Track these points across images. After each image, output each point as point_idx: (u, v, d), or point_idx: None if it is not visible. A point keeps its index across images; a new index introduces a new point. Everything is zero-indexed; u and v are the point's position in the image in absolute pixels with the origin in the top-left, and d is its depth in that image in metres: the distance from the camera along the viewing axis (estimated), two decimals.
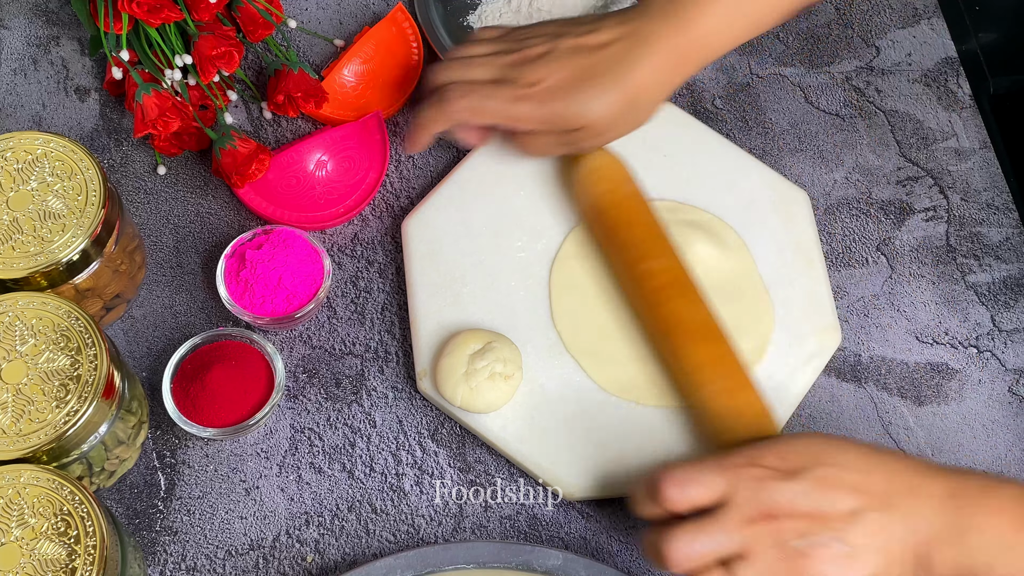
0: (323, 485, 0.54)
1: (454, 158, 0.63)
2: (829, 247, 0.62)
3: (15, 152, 0.52)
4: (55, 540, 0.43)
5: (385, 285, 0.59)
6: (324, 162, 0.60)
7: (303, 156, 0.60)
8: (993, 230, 0.63)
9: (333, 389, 0.56)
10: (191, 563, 0.52)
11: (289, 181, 0.59)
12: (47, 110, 0.63)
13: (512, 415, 0.54)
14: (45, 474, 0.45)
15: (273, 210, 0.59)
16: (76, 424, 0.46)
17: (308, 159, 0.60)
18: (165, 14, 0.57)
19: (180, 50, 0.59)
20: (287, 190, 0.59)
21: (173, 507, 0.53)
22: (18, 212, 0.51)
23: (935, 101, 0.67)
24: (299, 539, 0.53)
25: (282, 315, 0.55)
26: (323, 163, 0.60)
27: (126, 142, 0.63)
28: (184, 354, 0.54)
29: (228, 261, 0.56)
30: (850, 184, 0.64)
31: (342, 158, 0.60)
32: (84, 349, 0.48)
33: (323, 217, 0.59)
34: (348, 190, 0.60)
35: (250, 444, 0.55)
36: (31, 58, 0.65)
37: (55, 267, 0.50)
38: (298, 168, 0.60)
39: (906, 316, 0.60)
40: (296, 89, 0.60)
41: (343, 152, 0.60)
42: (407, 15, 0.64)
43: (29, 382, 0.47)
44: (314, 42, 0.67)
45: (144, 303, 0.58)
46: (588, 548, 0.53)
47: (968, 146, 0.65)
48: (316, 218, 0.59)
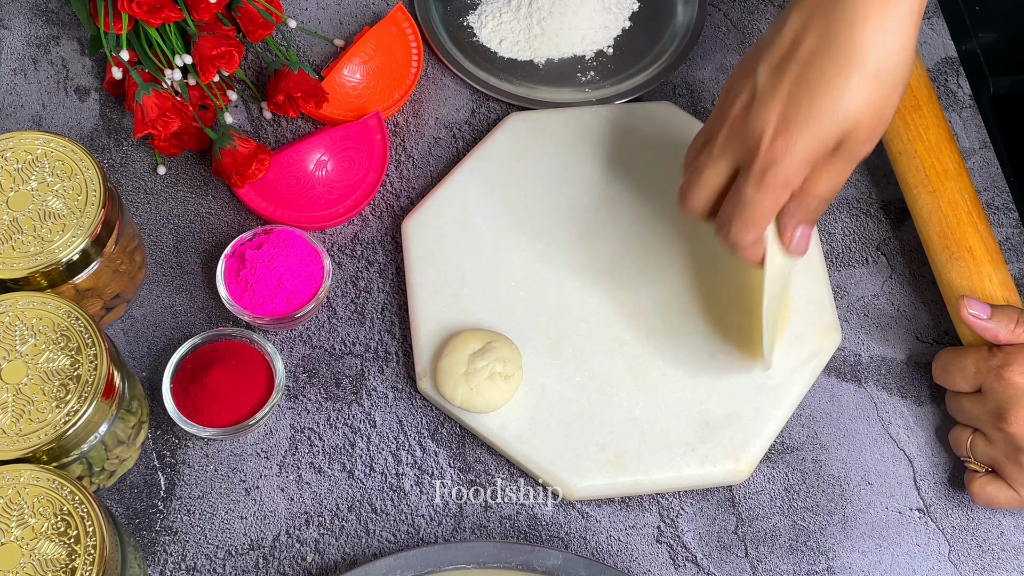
0: (323, 485, 0.54)
1: (454, 158, 0.63)
2: (829, 247, 0.62)
3: (15, 152, 0.52)
4: (55, 540, 0.43)
5: (385, 285, 0.59)
6: (324, 162, 0.60)
7: (303, 156, 0.60)
8: (993, 230, 0.63)
9: (333, 389, 0.56)
10: (191, 563, 0.52)
11: (289, 181, 0.59)
12: (47, 110, 0.63)
13: (512, 415, 0.54)
14: (45, 474, 0.45)
15: (273, 210, 0.59)
16: (76, 424, 0.46)
17: (308, 159, 0.60)
18: (165, 14, 0.57)
19: (180, 50, 0.59)
20: (287, 190, 0.59)
21: (173, 507, 0.53)
22: (18, 212, 0.51)
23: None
24: (299, 539, 0.53)
25: (282, 315, 0.55)
26: (323, 163, 0.60)
27: (126, 142, 0.63)
28: (184, 354, 0.54)
29: (228, 261, 0.56)
30: (850, 184, 0.64)
31: (342, 158, 0.60)
32: (84, 349, 0.48)
33: (323, 217, 0.59)
34: (348, 190, 0.60)
35: (250, 444, 0.55)
36: (31, 58, 0.65)
37: (55, 267, 0.50)
38: (298, 168, 0.60)
39: (906, 316, 0.60)
40: (296, 89, 0.60)
41: (343, 152, 0.60)
42: (407, 15, 0.64)
43: (29, 382, 0.47)
44: (314, 42, 0.67)
45: (144, 303, 0.58)
46: (588, 548, 0.53)
47: (968, 146, 0.65)
48: (316, 218, 0.59)
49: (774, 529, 0.54)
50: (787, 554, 0.54)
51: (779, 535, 0.54)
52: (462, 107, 0.65)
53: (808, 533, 0.54)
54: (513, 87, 0.65)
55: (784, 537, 0.54)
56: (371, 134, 0.61)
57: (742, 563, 0.53)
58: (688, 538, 0.54)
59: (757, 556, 0.53)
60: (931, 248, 0.57)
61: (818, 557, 0.54)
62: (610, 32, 0.67)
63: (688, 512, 0.54)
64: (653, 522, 0.54)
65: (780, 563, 0.53)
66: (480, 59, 0.66)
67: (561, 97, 0.65)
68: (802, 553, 0.54)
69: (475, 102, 0.65)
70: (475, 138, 0.64)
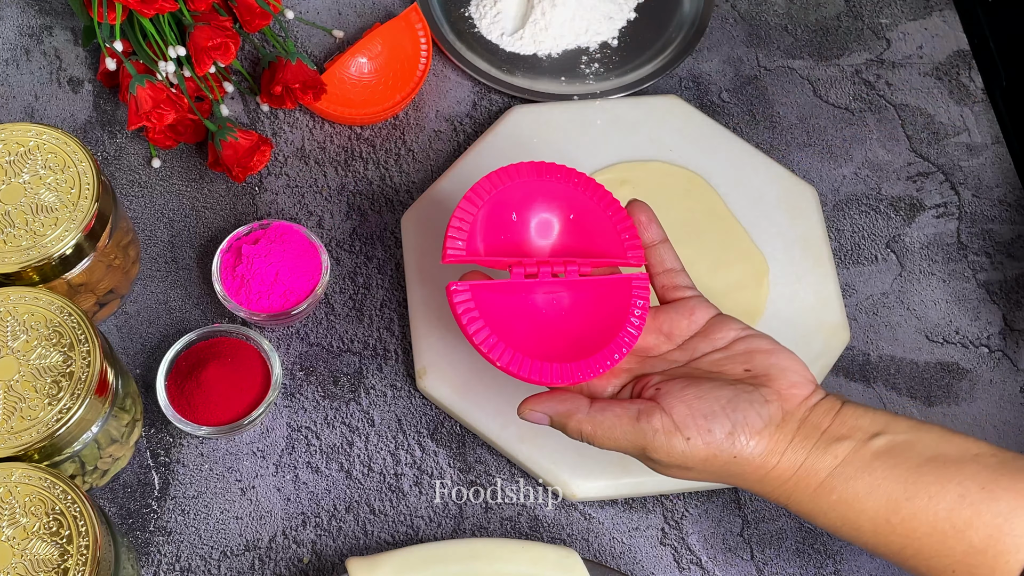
0: (320, 485, 0.53)
1: (454, 152, 0.62)
2: (838, 244, 0.61)
3: (7, 144, 0.51)
4: (47, 540, 0.43)
5: (384, 281, 0.58)
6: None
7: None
8: (1005, 227, 0.62)
9: (331, 387, 0.56)
10: (185, 564, 0.51)
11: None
12: (40, 101, 0.62)
13: (512, 415, 0.53)
14: (37, 473, 0.44)
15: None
16: (68, 422, 0.46)
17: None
18: (159, 4, 0.56)
19: (174, 41, 0.58)
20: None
21: (167, 507, 0.52)
22: (10, 205, 0.50)
23: (946, 95, 0.66)
24: (296, 540, 0.52)
25: (279, 311, 0.54)
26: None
27: (120, 134, 0.62)
28: (179, 351, 0.53)
29: (224, 256, 0.55)
30: (859, 179, 0.63)
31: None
32: (77, 345, 0.47)
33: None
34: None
35: (246, 443, 0.54)
36: (23, 48, 0.64)
37: (47, 261, 0.49)
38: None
39: (916, 315, 0.59)
40: (294, 80, 0.59)
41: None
42: (420, 16, 0.63)
43: (21, 379, 0.46)
44: (312, 33, 0.66)
45: (138, 299, 0.57)
46: (589, 549, 0.52)
47: (980, 141, 0.64)
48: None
49: (780, 531, 0.53)
50: (794, 557, 0.53)
51: (786, 537, 0.53)
52: (463, 100, 0.64)
53: (815, 536, 0.53)
54: (515, 79, 0.64)
55: (791, 539, 0.53)
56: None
57: (748, 566, 0.52)
58: (693, 540, 0.53)
59: (763, 559, 0.53)
60: None
61: (825, 560, 0.53)
62: (615, 23, 0.66)
63: (693, 514, 0.53)
64: (657, 524, 0.53)
65: (787, 566, 0.52)
66: (482, 50, 0.65)
67: (564, 90, 0.64)
68: (809, 556, 0.53)
69: (476, 95, 0.64)
70: (476, 131, 0.63)
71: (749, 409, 0.41)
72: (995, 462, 0.40)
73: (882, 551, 0.41)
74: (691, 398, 0.41)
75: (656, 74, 0.64)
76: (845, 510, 0.40)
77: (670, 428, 0.40)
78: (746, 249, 0.58)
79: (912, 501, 0.39)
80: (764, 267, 0.58)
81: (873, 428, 0.41)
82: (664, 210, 0.59)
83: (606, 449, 0.42)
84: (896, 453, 0.40)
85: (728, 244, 0.58)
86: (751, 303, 0.57)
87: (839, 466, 0.40)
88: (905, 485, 0.40)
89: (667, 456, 0.41)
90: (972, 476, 0.39)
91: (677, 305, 0.45)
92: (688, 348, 0.44)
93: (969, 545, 0.39)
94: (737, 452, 0.40)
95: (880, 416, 0.41)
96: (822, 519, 0.41)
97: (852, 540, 0.42)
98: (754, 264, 0.58)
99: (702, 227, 0.58)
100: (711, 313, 0.45)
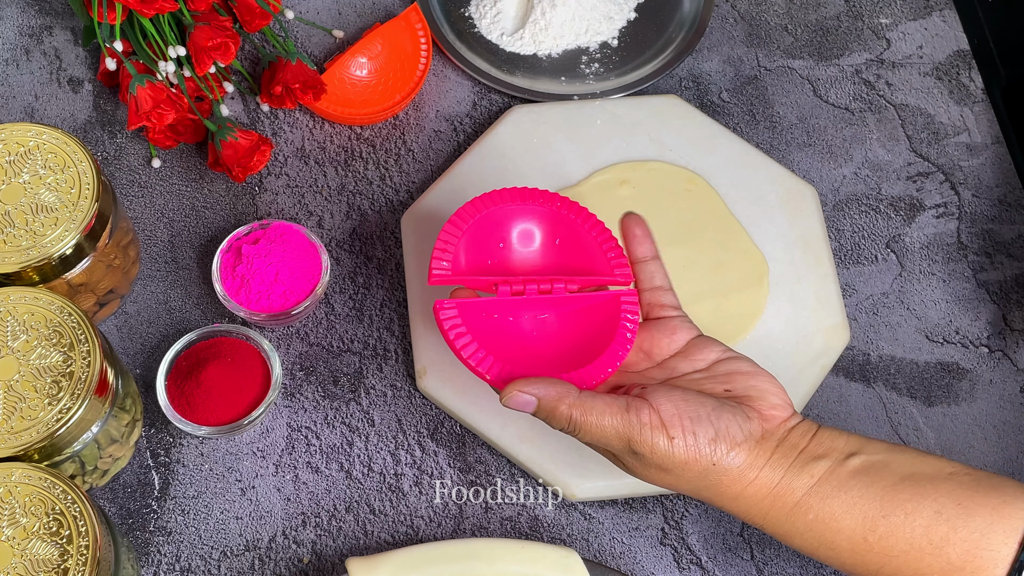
0: (320, 485, 0.53)
1: (453, 153, 0.62)
2: (838, 244, 0.61)
3: (7, 144, 0.51)
4: (47, 540, 0.43)
5: (384, 281, 0.58)
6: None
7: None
8: (1005, 227, 0.62)
9: (331, 387, 0.56)
10: (185, 564, 0.51)
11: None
12: (40, 101, 0.62)
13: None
14: (37, 473, 0.44)
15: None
16: (68, 422, 0.46)
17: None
18: (159, 4, 0.56)
19: (174, 41, 0.58)
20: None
21: (167, 507, 0.52)
22: (10, 205, 0.50)
23: (946, 95, 0.66)
24: (296, 540, 0.52)
25: (279, 311, 0.54)
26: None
27: (120, 134, 0.62)
28: (179, 351, 0.53)
29: (224, 256, 0.55)
30: (859, 179, 0.63)
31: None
32: (77, 345, 0.47)
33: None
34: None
35: (246, 443, 0.54)
36: (23, 48, 0.64)
37: (47, 261, 0.49)
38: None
39: (916, 315, 0.59)
40: (294, 80, 0.59)
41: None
42: (420, 16, 0.63)
43: (21, 379, 0.46)
44: (312, 33, 0.66)
45: (138, 299, 0.57)
46: (589, 549, 0.52)
47: (980, 141, 0.64)
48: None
49: None
50: (794, 557, 0.53)
51: None
52: (463, 99, 0.64)
53: None
54: (515, 79, 0.64)
55: None
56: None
57: (748, 566, 0.52)
58: (693, 540, 0.53)
59: (763, 559, 0.53)
60: None
61: None
62: (615, 23, 0.66)
63: (693, 514, 0.53)
64: (657, 524, 0.53)
65: (787, 566, 0.52)
66: (482, 50, 0.65)
67: (564, 90, 0.64)
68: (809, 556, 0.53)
69: (476, 95, 0.64)
70: (476, 131, 0.63)
71: (732, 421, 0.41)
72: (970, 480, 0.40)
73: (860, 571, 0.41)
74: (678, 399, 0.41)
75: (656, 74, 0.64)
76: (822, 530, 0.40)
77: (656, 424, 0.40)
78: (746, 249, 0.58)
79: (889, 519, 0.39)
80: (764, 267, 0.58)
81: (849, 448, 0.41)
82: (664, 210, 0.59)
83: (591, 442, 0.42)
84: (872, 472, 0.40)
85: (728, 244, 0.58)
86: (751, 303, 0.57)
87: (816, 484, 0.40)
88: (882, 503, 0.40)
89: (650, 452, 0.41)
90: (948, 493, 0.39)
91: (659, 324, 0.45)
92: (667, 367, 0.44)
93: (947, 562, 0.39)
94: (717, 460, 0.40)
95: (855, 438, 0.42)
96: (798, 540, 0.41)
97: (829, 562, 0.41)
98: (754, 264, 0.58)
99: (702, 227, 0.58)
100: (693, 334, 0.45)
